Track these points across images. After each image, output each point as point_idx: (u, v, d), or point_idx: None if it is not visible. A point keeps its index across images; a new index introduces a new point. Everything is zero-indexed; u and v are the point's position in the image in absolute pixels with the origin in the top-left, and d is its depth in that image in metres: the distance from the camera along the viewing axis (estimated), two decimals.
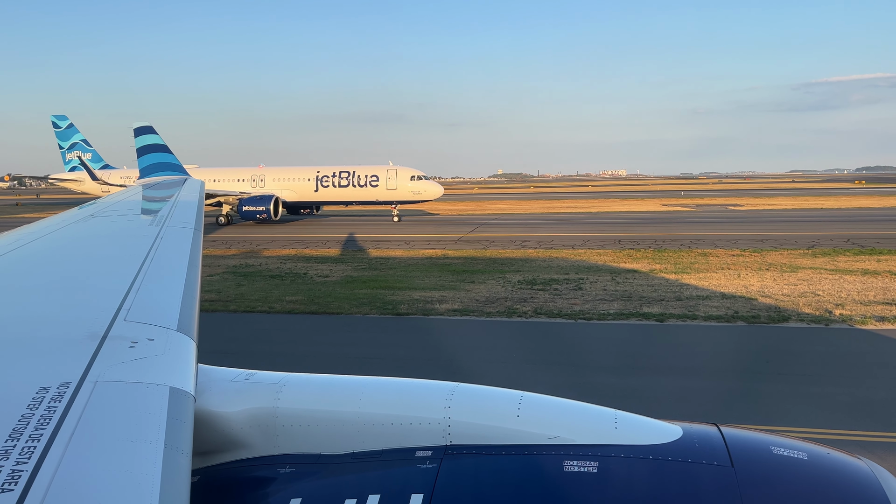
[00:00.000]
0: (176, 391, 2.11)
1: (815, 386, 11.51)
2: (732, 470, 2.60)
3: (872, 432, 9.30)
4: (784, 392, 11.22)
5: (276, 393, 3.14)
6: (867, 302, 17.83)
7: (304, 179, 51.84)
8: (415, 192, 49.77)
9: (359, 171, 50.75)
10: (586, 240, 34.63)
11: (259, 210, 47.75)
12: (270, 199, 48.18)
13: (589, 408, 3.05)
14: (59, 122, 61.38)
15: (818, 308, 17.15)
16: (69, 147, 61.02)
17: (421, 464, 2.80)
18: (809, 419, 9.85)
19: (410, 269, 25.63)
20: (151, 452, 1.71)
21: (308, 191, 51.79)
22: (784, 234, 35.51)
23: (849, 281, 21.03)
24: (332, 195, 51.74)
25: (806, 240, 32.39)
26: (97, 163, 59.61)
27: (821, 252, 27.93)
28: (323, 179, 51.25)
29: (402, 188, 49.55)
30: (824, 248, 29.31)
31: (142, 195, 10.27)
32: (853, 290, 19.41)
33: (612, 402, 3.27)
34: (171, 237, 5.17)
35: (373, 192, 50.31)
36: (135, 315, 2.89)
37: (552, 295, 19.59)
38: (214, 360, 3.53)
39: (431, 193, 50.36)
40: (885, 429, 9.42)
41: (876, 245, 29.73)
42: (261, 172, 53.15)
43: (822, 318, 16.09)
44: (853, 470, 2.67)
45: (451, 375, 8.99)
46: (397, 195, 49.77)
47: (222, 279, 23.93)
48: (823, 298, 18.35)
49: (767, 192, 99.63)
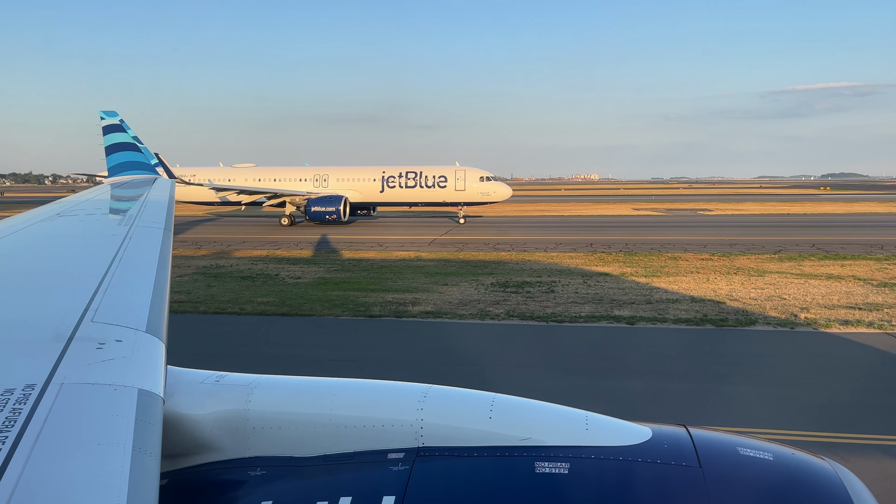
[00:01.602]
0: (144, 393, 2.09)
1: (781, 388, 11.72)
2: (700, 470, 2.64)
3: (836, 433, 9.50)
4: (750, 394, 11.41)
5: (247, 395, 3.11)
6: (831, 306, 18.22)
7: (369, 180, 50.14)
8: (484, 194, 48.48)
9: (426, 171, 49.33)
10: (559, 243, 34.87)
11: (329, 211, 46.00)
12: (341, 200, 46.50)
13: (560, 409, 3.08)
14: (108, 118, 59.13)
15: (784, 312, 17.48)
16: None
17: (393, 466, 2.80)
18: (775, 420, 10.03)
19: (384, 270, 25.57)
20: (119, 455, 1.68)
21: (373, 191, 50.06)
22: (752, 238, 36.15)
23: (814, 285, 21.47)
24: (398, 196, 50.10)
25: (773, 244, 33.00)
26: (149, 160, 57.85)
27: (787, 257, 28.48)
28: (389, 180, 49.63)
29: (471, 189, 48.24)
30: (790, 252, 29.90)
31: (110, 194, 10.09)
32: (818, 295, 19.83)
33: (583, 404, 3.29)
34: (141, 237, 5.09)
35: (440, 194, 48.87)
36: (102, 316, 2.84)
37: (525, 297, 19.69)
38: (184, 361, 3.48)
39: (501, 195, 48.99)
40: (848, 430, 9.62)
41: (840, 250, 30.40)
42: (324, 172, 51.12)
43: (787, 322, 16.40)
44: (817, 470, 2.73)
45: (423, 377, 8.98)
46: (466, 196, 48.46)
47: (192, 280, 23.63)
48: (789, 302, 18.71)
49: (736, 197, 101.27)
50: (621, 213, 60.40)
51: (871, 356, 13.73)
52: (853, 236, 36.83)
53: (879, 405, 10.79)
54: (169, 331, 2.95)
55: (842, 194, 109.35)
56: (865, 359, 13.63)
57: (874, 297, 19.48)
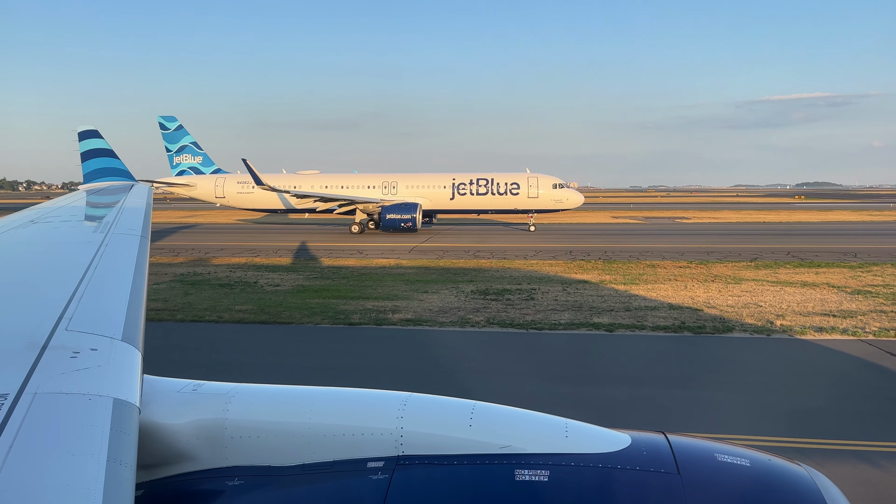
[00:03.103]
0: (120, 402, 2.06)
1: (758, 394, 11.85)
2: (678, 477, 2.66)
3: (811, 439, 9.61)
4: (727, 400, 11.53)
5: (225, 404, 3.08)
6: (806, 313, 18.47)
7: (439, 187, 49.27)
8: (557, 201, 47.67)
9: (497, 178, 48.60)
10: (538, 250, 35.02)
11: (404, 219, 45.23)
12: (416, 208, 45.81)
13: (540, 417, 3.09)
14: (166, 124, 55.98)
15: (760, 319, 17.69)
16: (177, 150, 55.70)
17: (373, 475, 2.79)
18: (752, 427, 10.13)
19: (364, 278, 25.49)
20: (93, 466, 1.66)
21: (444, 199, 49.25)
22: (728, 246, 36.57)
23: (789, 293, 21.77)
24: (468, 203, 49.29)
25: (749, 252, 33.42)
26: (208, 166, 55.26)
27: (763, 264, 28.85)
28: (460, 187, 48.82)
29: (543, 196, 47.49)
30: (766, 260, 30.30)
31: (86, 200, 9.94)
32: (793, 302, 20.10)
33: (563, 411, 3.30)
34: (117, 244, 5.03)
35: (512, 201, 48.04)
36: (77, 324, 2.80)
37: (505, 305, 19.73)
38: (161, 370, 3.44)
39: (573, 202, 48.23)
40: (824, 436, 9.74)
41: (814, 258, 30.87)
42: (392, 179, 50.13)
43: (764, 329, 16.60)
44: (793, 476, 2.77)
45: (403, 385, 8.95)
46: (538, 203, 47.75)
47: (169, 287, 23.37)
48: (765, 309, 18.94)
49: (713, 205, 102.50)
50: (600, 221, 60.85)
51: (846, 363, 13.93)
52: (827, 244, 37.42)
53: (854, 411, 10.94)
54: (145, 339, 2.91)
55: (816, 203, 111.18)
56: (840, 365, 13.83)
57: (848, 304, 19.79)
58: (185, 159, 55.32)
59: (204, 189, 53.09)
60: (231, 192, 51.80)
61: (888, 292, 21.55)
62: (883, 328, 16.51)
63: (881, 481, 8.26)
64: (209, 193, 52.79)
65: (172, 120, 55.68)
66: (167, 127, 55.69)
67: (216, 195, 52.20)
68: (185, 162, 55.33)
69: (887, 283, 23.30)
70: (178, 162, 55.47)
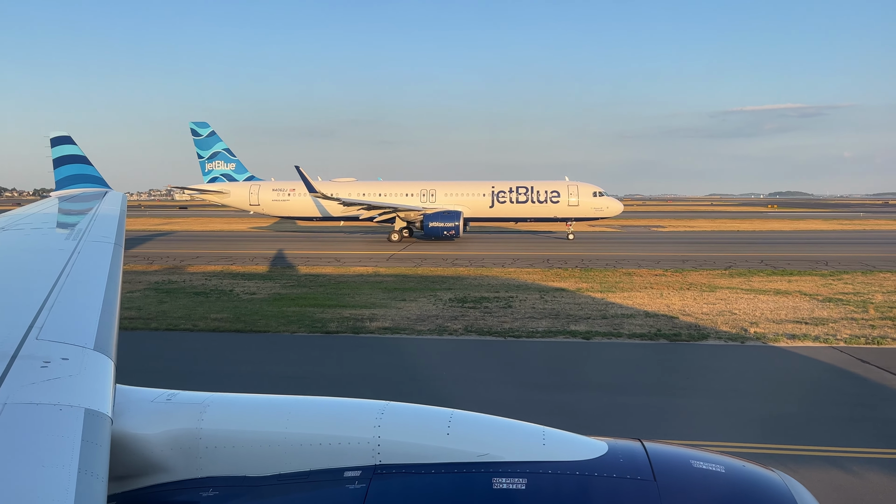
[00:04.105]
0: (91, 413, 2.03)
1: (732, 401, 11.98)
2: (655, 484, 2.68)
3: (785, 445, 9.73)
4: (702, 407, 11.64)
5: (200, 414, 3.05)
6: (779, 320, 18.74)
7: (478, 195, 48.72)
8: (597, 209, 47.34)
9: (537, 186, 48.05)
10: (516, 258, 35.16)
11: (447, 227, 44.89)
12: (459, 216, 45.40)
13: (518, 425, 3.10)
14: (198, 130, 54.45)
15: (735, 326, 17.91)
16: (209, 157, 54.21)
17: (349, 484, 2.77)
18: (727, 433, 10.23)
19: (341, 286, 25.37)
20: (64, 478, 1.63)
21: (483, 206, 48.61)
22: (703, 254, 37.02)
23: (763, 300, 22.07)
24: (508, 211, 48.67)
25: (723, 261, 33.85)
26: (241, 174, 54.02)
27: (737, 273, 29.24)
28: (499, 195, 48.26)
29: (584, 204, 47.06)
30: (740, 268, 30.70)
31: (58, 207, 9.79)
32: (766, 310, 20.38)
33: (540, 419, 3.31)
34: (89, 252, 4.96)
35: (553, 209, 47.56)
36: (48, 333, 2.76)
37: (483, 313, 19.75)
38: (134, 380, 3.39)
39: (613, 210, 47.84)
40: (797, 442, 9.87)
41: (787, 266, 31.35)
42: (431, 187, 49.57)
43: (738, 336, 16.81)
44: (767, 481, 2.80)
45: (381, 394, 8.91)
46: (579, 212, 47.32)
47: (144, 296, 23.07)
48: (739, 317, 19.18)
49: (688, 214, 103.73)
50: (577, 229, 61.14)
51: (818, 369, 14.14)
52: (799, 253, 38.04)
53: (826, 417, 11.11)
54: (119, 348, 2.87)
55: (788, 212, 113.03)
56: (812, 372, 14.03)
57: (820, 311, 20.11)
58: (218, 166, 54.17)
59: (238, 196, 52.21)
60: (266, 199, 51.14)
61: (858, 300, 21.95)
62: (854, 335, 16.80)
63: (853, 486, 8.39)
64: (243, 201, 51.97)
65: (205, 126, 54.15)
66: (199, 133, 54.37)
67: (250, 203, 51.46)
68: (217, 168, 54.17)
69: (857, 291, 23.73)
70: (210, 168, 54.23)
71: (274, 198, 50.87)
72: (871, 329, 17.54)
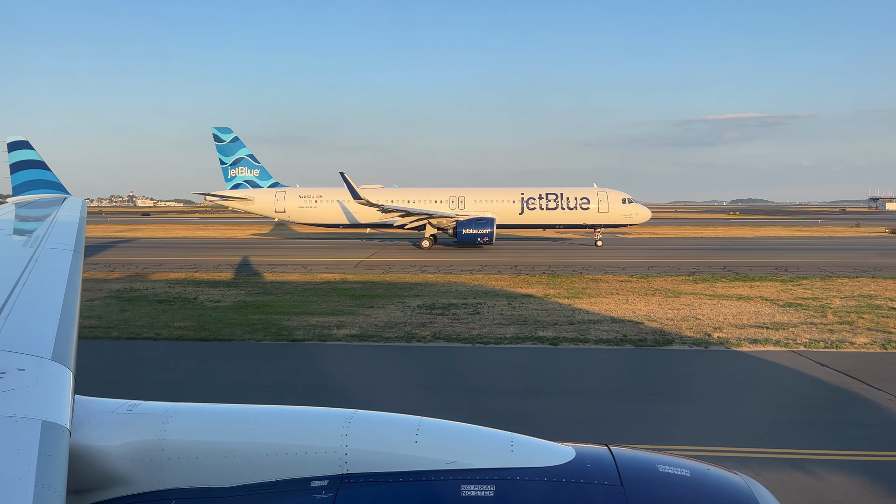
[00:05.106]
0: (49, 425, 1.97)
1: (696, 405, 12.16)
2: (622, 489, 2.70)
3: (747, 448, 9.90)
4: (667, 411, 11.78)
5: (162, 424, 2.99)
6: (742, 325, 19.10)
7: (507, 201, 48.53)
8: (626, 216, 47.53)
9: (567, 192, 48.07)
10: (484, 265, 35.27)
11: (482, 233, 44.56)
12: (492, 223, 45.01)
13: (486, 431, 3.10)
14: (221, 136, 52.82)
15: (699, 331, 18.21)
16: (233, 163, 52.69)
17: (316, 494, 2.74)
18: (691, 437, 10.37)
19: (307, 293, 25.16)
20: (20, 492, 1.58)
21: (513, 213, 48.44)
22: (668, 261, 37.62)
23: (725, 306, 22.48)
24: (538, 218, 48.64)
25: (687, 267, 34.43)
26: (266, 180, 52.61)
27: (701, 278, 29.75)
28: (529, 202, 48.21)
29: (613, 211, 47.23)
30: (704, 274, 31.25)
31: (14, 214, 9.53)
32: (729, 315, 20.76)
33: (508, 426, 3.32)
34: (48, 259, 4.83)
35: (582, 216, 47.63)
36: (3, 343, 2.68)
37: (451, 319, 19.76)
38: (94, 391, 3.31)
39: (642, 217, 48.13)
40: (759, 445, 10.05)
41: (749, 272, 32.01)
42: (460, 194, 49.29)
43: (702, 341, 17.08)
44: (731, 484, 2.85)
45: (348, 402, 8.84)
46: (608, 218, 47.47)
47: (104, 304, 22.58)
48: (703, 322, 19.50)
49: (653, 221, 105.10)
50: (544, 236, 61.70)
51: (779, 373, 14.44)
52: (760, 259, 38.88)
53: (788, 420, 11.33)
54: (78, 358, 2.80)
55: (749, 219, 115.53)
56: (773, 376, 14.31)
57: (780, 316, 20.55)
58: (241, 172, 52.95)
59: (263, 203, 51.24)
60: (292, 206, 50.40)
61: (817, 305, 22.49)
62: (813, 339, 17.20)
63: (814, 488, 8.56)
64: (268, 208, 51.07)
65: (227, 132, 52.55)
66: (222, 139, 53.03)
67: (276, 209, 50.67)
68: (240, 175, 52.94)
69: (816, 297, 24.32)
70: (232, 175, 52.93)
71: (301, 205, 50.25)
72: (829, 333, 17.97)
